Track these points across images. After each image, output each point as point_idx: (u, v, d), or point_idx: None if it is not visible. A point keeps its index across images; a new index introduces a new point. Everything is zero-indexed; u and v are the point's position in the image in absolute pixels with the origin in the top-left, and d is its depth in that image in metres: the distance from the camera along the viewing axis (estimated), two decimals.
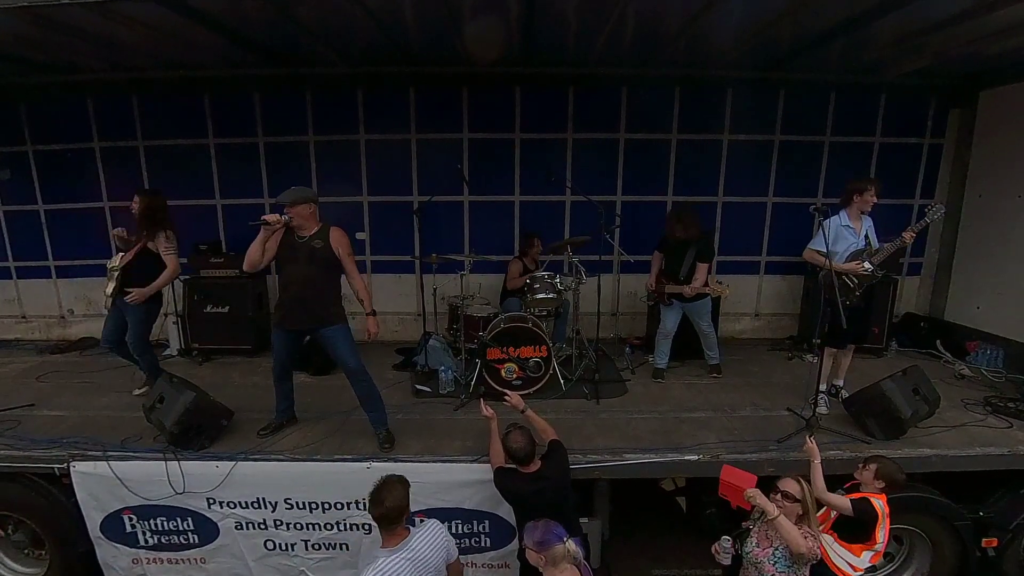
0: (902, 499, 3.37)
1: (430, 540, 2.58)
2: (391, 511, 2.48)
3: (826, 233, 3.66)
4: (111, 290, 4.08)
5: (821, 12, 3.82)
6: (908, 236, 3.84)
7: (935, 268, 6.01)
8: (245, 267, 3.42)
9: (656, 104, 5.60)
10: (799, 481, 2.83)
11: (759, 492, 2.80)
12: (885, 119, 5.68)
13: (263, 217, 3.29)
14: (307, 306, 3.45)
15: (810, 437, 3.22)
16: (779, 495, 2.78)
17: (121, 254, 4.11)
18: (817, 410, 3.90)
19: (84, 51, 4.57)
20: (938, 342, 5.47)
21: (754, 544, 2.86)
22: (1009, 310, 5.06)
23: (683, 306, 4.67)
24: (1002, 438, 3.72)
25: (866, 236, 3.99)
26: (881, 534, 2.85)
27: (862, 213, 4.00)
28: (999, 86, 5.26)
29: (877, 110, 5.66)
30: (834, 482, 3.09)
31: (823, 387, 4.13)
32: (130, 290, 4.03)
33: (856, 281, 3.95)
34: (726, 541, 2.88)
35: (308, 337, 3.81)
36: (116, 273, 4.06)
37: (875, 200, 3.92)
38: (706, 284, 4.54)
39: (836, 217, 3.95)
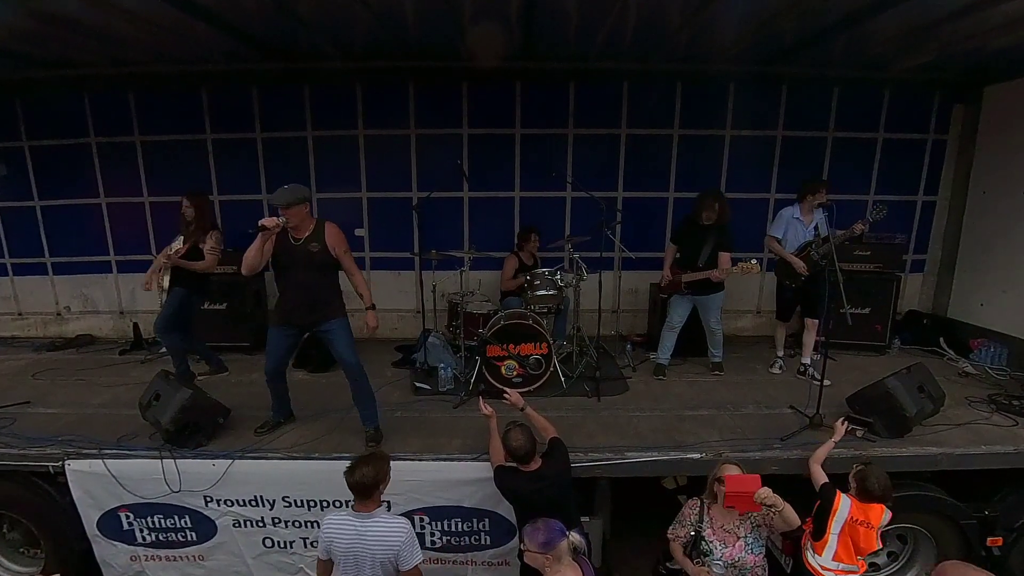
0: (907, 497, 3.35)
1: (379, 531, 2.60)
2: (356, 485, 2.61)
3: (779, 220, 4.59)
4: (166, 283, 4.35)
5: (824, 6, 3.78)
6: (858, 228, 4.32)
7: (938, 265, 5.97)
8: (244, 271, 3.36)
9: (658, 99, 5.57)
10: (738, 465, 2.93)
11: (768, 490, 2.75)
12: (889, 115, 5.64)
13: (261, 223, 3.22)
14: (307, 308, 3.42)
15: (842, 422, 3.33)
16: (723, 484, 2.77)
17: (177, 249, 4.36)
18: (771, 370, 4.73)
19: (81, 46, 4.52)
20: (941, 340, 5.43)
21: (721, 546, 2.81)
22: (1013, 307, 5.02)
23: (695, 300, 4.63)
24: (1007, 436, 3.68)
25: (815, 227, 4.50)
26: (835, 528, 2.82)
27: (815, 207, 4.51)
28: (1004, 81, 5.22)
29: (880, 105, 5.62)
30: (835, 481, 3.05)
31: (780, 353, 4.94)
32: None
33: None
34: (718, 566, 2.81)
35: (306, 334, 3.77)
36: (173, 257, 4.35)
37: (825, 199, 4.39)
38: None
39: (791, 208, 4.61)
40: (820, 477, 3.00)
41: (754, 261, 4.30)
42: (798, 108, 5.59)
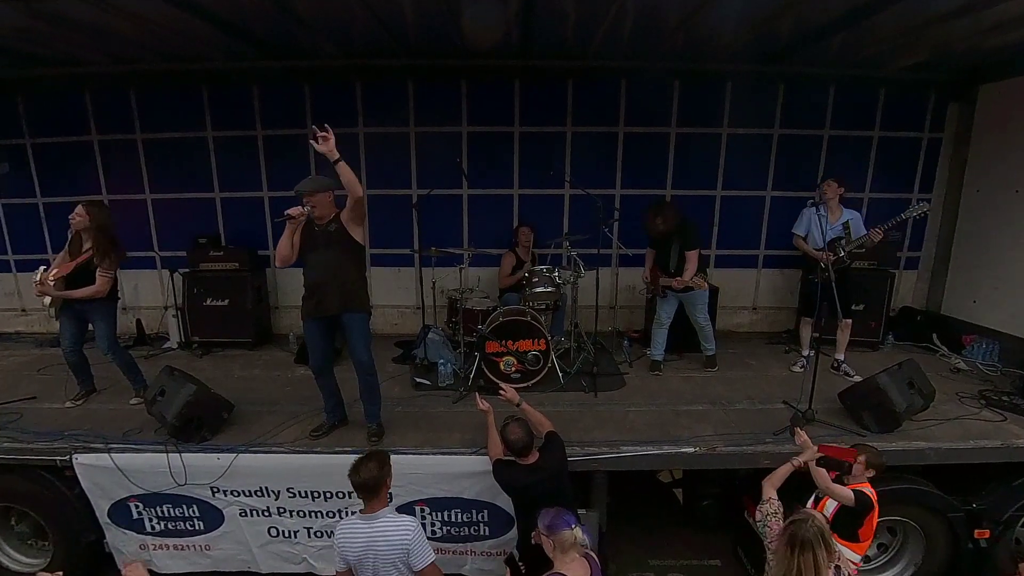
0: (896, 491, 3.43)
1: (387, 532, 2.62)
2: (364, 483, 2.63)
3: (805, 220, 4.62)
4: (52, 302, 3.88)
5: (821, 5, 3.82)
6: (874, 233, 4.33)
7: (932, 262, 6.03)
8: (277, 264, 3.43)
9: (655, 97, 5.59)
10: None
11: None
12: (884, 113, 5.67)
13: (287, 212, 3.30)
14: (330, 290, 3.40)
15: (799, 429, 3.17)
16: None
17: (48, 269, 3.90)
18: (793, 368, 4.61)
19: (82, 44, 4.55)
20: (935, 336, 5.50)
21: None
22: (1005, 304, 5.08)
23: (679, 297, 4.70)
24: (996, 431, 3.75)
25: (844, 225, 4.48)
26: (875, 524, 2.90)
27: (839, 205, 4.57)
28: (998, 80, 5.25)
29: (876, 104, 5.65)
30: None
31: (806, 352, 4.71)
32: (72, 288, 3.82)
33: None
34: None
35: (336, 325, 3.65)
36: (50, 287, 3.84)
37: (826, 193, 4.53)
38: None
39: (818, 206, 4.44)
40: (842, 490, 2.90)
41: (703, 276, 4.58)
42: (794, 106, 5.63)
